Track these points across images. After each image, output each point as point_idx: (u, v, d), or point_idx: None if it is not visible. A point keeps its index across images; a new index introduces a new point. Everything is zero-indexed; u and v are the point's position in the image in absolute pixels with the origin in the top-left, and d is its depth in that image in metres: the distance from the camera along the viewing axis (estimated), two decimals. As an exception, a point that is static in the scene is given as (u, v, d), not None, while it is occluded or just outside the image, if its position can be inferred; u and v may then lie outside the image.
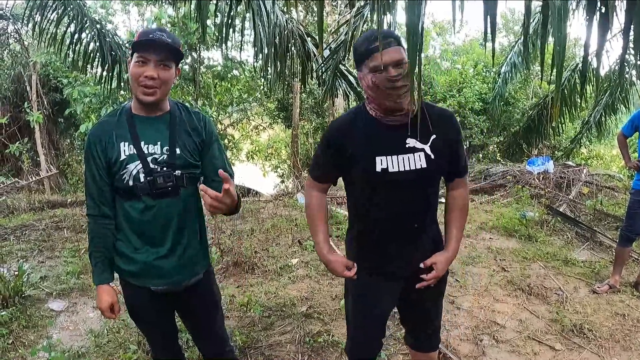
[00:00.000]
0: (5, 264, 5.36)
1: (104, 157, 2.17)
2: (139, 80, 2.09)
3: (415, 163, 2.10)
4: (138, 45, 2.07)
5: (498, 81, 10.26)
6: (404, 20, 1.47)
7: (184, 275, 2.31)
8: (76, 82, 11.90)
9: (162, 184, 2.16)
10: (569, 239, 6.11)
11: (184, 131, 2.26)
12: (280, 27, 4.35)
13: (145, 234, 2.22)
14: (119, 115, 2.24)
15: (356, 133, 2.18)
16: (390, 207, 2.21)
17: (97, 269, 2.27)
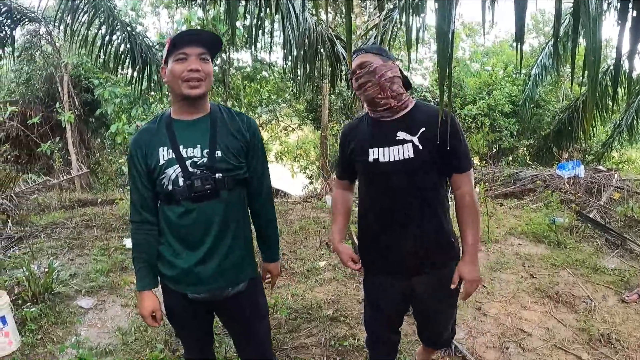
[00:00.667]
0: (36, 261, 5.44)
1: (145, 164, 2.19)
2: (182, 76, 2.09)
3: (403, 153, 2.29)
4: (177, 42, 2.09)
5: (528, 83, 10.15)
6: (434, 22, 1.46)
7: (224, 284, 2.26)
8: (107, 83, 12.08)
9: (200, 187, 2.13)
10: (598, 245, 5.99)
11: (227, 133, 2.22)
12: (309, 30, 4.35)
13: (185, 238, 2.20)
14: (159, 122, 2.25)
15: (359, 131, 2.51)
16: (382, 198, 2.41)
17: (140, 275, 2.28)
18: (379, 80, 2.29)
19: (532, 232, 6.44)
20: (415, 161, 2.27)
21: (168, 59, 2.14)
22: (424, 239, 2.37)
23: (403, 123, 2.34)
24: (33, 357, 3.74)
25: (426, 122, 2.29)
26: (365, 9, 12.63)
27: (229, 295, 2.29)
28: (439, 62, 1.45)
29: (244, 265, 2.34)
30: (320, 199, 9.02)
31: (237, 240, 2.28)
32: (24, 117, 13.29)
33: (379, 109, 2.37)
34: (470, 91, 14.67)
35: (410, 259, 2.40)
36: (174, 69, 2.10)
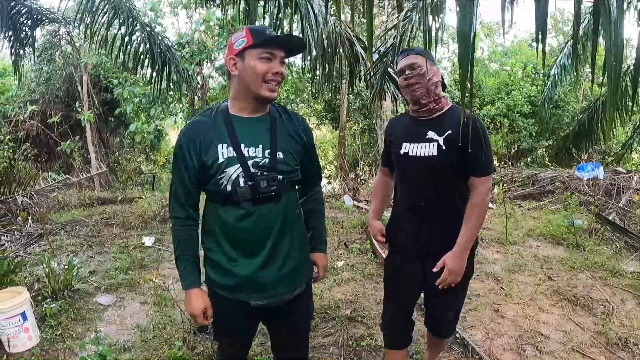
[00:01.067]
0: (56, 258, 5.50)
1: (197, 159, 2.09)
2: (265, 76, 2.02)
3: (429, 151, 2.53)
4: (267, 41, 2.01)
5: (547, 84, 10.05)
6: (454, 23, 1.45)
7: (286, 288, 2.21)
8: (126, 82, 12.20)
9: (266, 189, 2.06)
10: (617, 248, 5.93)
11: (286, 134, 2.18)
12: (328, 30, 4.35)
13: (241, 242, 2.13)
14: (215, 115, 2.15)
15: (399, 125, 2.80)
16: (408, 188, 2.71)
17: (186, 273, 2.21)
18: (427, 84, 2.50)
19: (551, 234, 6.39)
20: (437, 159, 2.50)
21: (245, 52, 2.04)
22: (438, 232, 2.61)
23: (435, 124, 2.55)
24: (52, 353, 3.78)
25: (454, 125, 2.47)
26: (384, 8, 12.59)
27: (290, 298, 2.24)
28: (461, 65, 1.44)
29: (303, 267, 2.31)
30: (339, 199, 9.01)
31: (296, 243, 2.24)
32: (44, 116, 13.44)
33: (420, 109, 2.59)
34: (488, 91, 14.60)
35: (423, 247, 2.66)
36: (257, 67, 2.01)
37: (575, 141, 10.10)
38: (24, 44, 6.49)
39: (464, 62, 1.41)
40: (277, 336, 2.49)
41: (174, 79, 6.41)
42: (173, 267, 5.42)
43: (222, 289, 2.20)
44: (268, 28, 2.09)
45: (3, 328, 3.73)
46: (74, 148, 12.82)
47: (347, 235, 6.57)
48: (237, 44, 2.05)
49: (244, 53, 2.03)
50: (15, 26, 6.18)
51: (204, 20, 11.65)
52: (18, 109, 12.90)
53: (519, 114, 13.90)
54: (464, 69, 1.42)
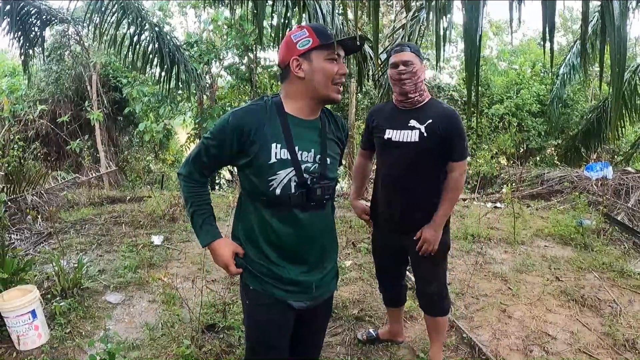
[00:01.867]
0: (65, 257, 5.53)
1: (239, 147, 1.98)
2: (334, 78, 1.98)
3: (411, 137, 2.87)
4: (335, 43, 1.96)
5: (556, 82, 10.02)
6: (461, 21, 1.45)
7: (326, 290, 2.21)
8: (135, 81, 12.25)
9: (320, 196, 2.02)
10: (626, 249, 5.90)
11: (332, 140, 2.15)
12: (336, 29, 4.36)
13: (285, 247, 2.07)
14: (269, 109, 2.03)
15: (381, 113, 3.12)
16: (389, 168, 3.02)
17: (205, 226, 2.14)
18: (416, 81, 2.85)
19: (559, 234, 6.36)
20: (418, 145, 2.85)
21: (311, 53, 1.97)
22: (414, 206, 2.97)
23: (417, 113, 2.91)
24: (62, 350, 3.81)
25: (434, 116, 2.85)
26: (392, 7, 12.58)
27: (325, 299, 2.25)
28: (467, 67, 1.44)
29: (336, 266, 2.30)
30: (347, 199, 9.00)
31: (334, 249, 2.24)
32: (53, 116, 13.51)
33: (405, 100, 2.92)
34: (497, 90, 14.54)
35: (402, 219, 3.03)
36: (327, 68, 1.97)
37: (584, 140, 10.07)
38: (34, 44, 6.54)
39: (470, 63, 1.42)
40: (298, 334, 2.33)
41: (182, 78, 6.44)
42: (182, 265, 5.50)
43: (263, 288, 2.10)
44: (326, 27, 2.11)
45: (13, 326, 3.77)
46: (83, 147, 12.88)
47: (355, 235, 6.58)
48: (300, 44, 1.97)
49: (310, 54, 1.97)
50: (25, 26, 6.23)
51: (213, 19, 11.69)
52: (28, 108, 12.96)
53: (527, 113, 13.84)
54: (470, 71, 1.42)
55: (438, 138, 2.82)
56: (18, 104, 12.90)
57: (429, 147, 2.85)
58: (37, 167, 9.63)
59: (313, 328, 2.37)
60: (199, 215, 2.16)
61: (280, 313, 2.12)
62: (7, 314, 3.77)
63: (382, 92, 4.84)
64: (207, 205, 2.18)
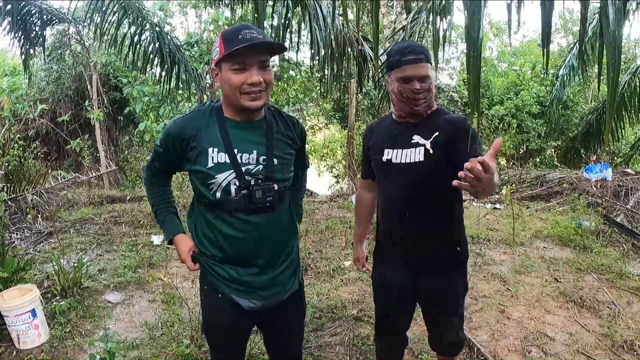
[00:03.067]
0: (65, 256, 5.54)
1: (181, 155, 2.01)
2: (241, 88, 1.88)
3: (415, 156, 2.34)
4: (236, 51, 1.82)
5: (556, 84, 10.03)
6: (461, 22, 1.46)
7: (279, 291, 2.15)
8: (135, 81, 12.25)
9: (262, 199, 1.97)
10: (625, 250, 5.89)
11: (281, 140, 2.09)
12: (336, 30, 4.37)
13: (231, 252, 2.05)
14: (209, 114, 2.02)
15: (378, 130, 2.57)
16: (392, 195, 2.48)
17: (166, 224, 2.21)
18: (430, 100, 2.34)
19: (558, 236, 6.37)
20: (424, 164, 2.32)
21: (221, 63, 1.91)
22: (425, 238, 2.44)
23: (420, 127, 2.37)
24: (62, 350, 3.82)
25: (440, 127, 2.32)
26: (392, 8, 12.60)
27: (282, 300, 2.18)
28: (470, 74, 1.45)
29: (295, 269, 2.24)
30: (347, 199, 9.02)
31: (289, 253, 2.19)
32: (53, 115, 13.51)
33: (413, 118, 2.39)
34: (497, 91, 14.56)
35: (411, 255, 2.50)
36: (231, 80, 1.88)
37: (583, 142, 10.09)
38: (34, 43, 6.55)
39: (472, 66, 1.43)
40: (271, 337, 2.42)
41: (183, 78, 6.45)
42: (181, 265, 5.46)
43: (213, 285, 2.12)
44: (243, 29, 1.89)
45: (13, 325, 3.78)
46: (83, 146, 12.87)
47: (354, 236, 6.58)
48: (214, 54, 1.95)
49: (221, 64, 1.92)
50: (26, 26, 6.24)
51: (213, 19, 11.67)
52: (28, 107, 12.96)
53: (527, 114, 13.86)
54: (473, 74, 1.43)
55: (445, 150, 2.29)
56: (18, 103, 12.89)
57: (437, 165, 2.31)
58: (37, 166, 9.63)
59: (285, 330, 2.34)
60: (160, 213, 2.25)
61: (230, 312, 2.12)
62: (7, 313, 3.78)
63: (382, 93, 4.85)
64: (168, 203, 2.27)
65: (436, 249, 2.45)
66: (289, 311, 2.26)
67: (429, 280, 2.48)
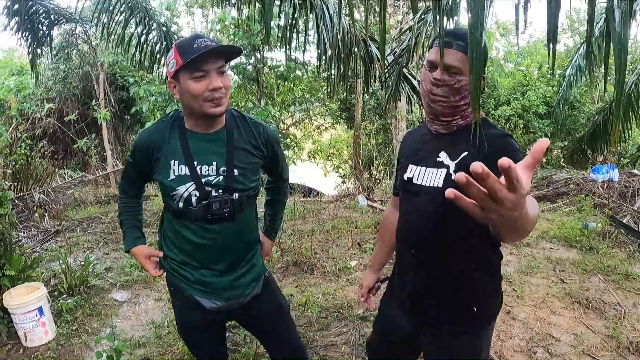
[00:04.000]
0: (72, 254, 5.57)
1: (149, 165, 2.05)
2: (203, 95, 1.87)
3: (434, 179, 1.84)
4: (194, 60, 1.82)
5: (562, 84, 9.98)
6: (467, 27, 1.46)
7: (239, 293, 2.17)
8: (142, 81, 12.28)
9: (219, 210, 1.99)
10: (631, 252, 5.86)
11: (243, 149, 2.07)
12: (343, 30, 4.36)
13: (194, 256, 2.10)
14: (171, 126, 2.04)
15: (410, 140, 2.09)
16: (408, 221, 2.01)
17: (128, 234, 2.29)
18: (456, 102, 1.81)
19: (564, 237, 6.35)
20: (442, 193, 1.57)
21: (179, 73, 1.89)
22: (438, 292, 1.93)
23: (449, 141, 1.87)
24: (68, 347, 3.84)
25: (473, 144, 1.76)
26: (399, 8, 12.58)
27: (246, 301, 2.21)
28: (472, 71, 1.45)
29: (255, 269, 2.25)
30: (353, 199, 9.02)
31: (252, 255, 2.22)
32: (60, 114, 13.59)
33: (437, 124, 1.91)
34: (504, 92, 14.51)
35: (417, 300, 1.99)
36: (193, 89, 1.87)
37: (590, 142, 10.02)
38: (41, 43, 6.56)
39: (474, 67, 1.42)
40: (257, 336, 2.51)
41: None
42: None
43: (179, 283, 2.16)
44: (197, 38, 1.89)
45: (20, 322, 3.80)
46: (90, 146, 12.92)
47: (361, 235, 6.58)
48: (170, 66, 1.92)
49: (178, 75, 1.90)
50: (33, 25, 6.25)
51: (220, 19, 11.69)
52: (35, 106, 13.03)
53: (534, 115, 13.80)
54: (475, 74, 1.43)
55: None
56: (26, 103, 12.96)
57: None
58: (44, 165, 9.64)
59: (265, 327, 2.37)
60: (124, 224, 2.32)
61: (194, 313, 2.18)
62: (14, 311, 3.80)
63: (388, 94, 4.84)
64: (133, 215, 2.34)
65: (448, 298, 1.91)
66: (260, 310, 2.29)
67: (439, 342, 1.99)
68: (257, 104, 11.45)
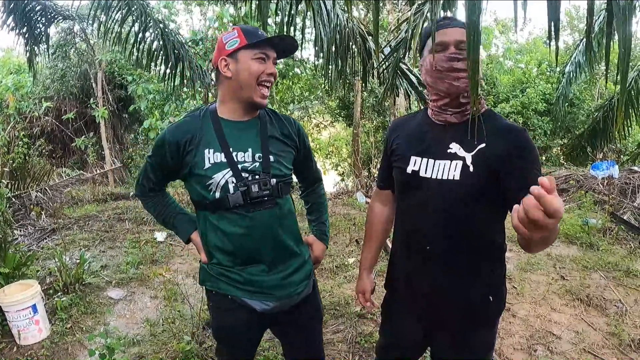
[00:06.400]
0: (68, 252, 5.55)
1: (177, 161, 2.01)
2: (260, 77, 1.93)
3: (449, 172, 1.76)
4: (262, 41, 1.93)
5: (562, 81, 9.96)
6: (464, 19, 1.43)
7: (292, 291, 2.10)
8: (140, 79, 12.24)
9: (258, 193, 1.95)
10: (632, 248, 5.84)
11: (276, 137, 2.08)
12: (340, 26, 4.34)
13: (237, 251, 2.02)
14: (203, 117, 2.03)
15: (405, 128, 1.99)
16: (412, 218, 1.92)
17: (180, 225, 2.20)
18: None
19: (565, 233, 6.32)
20: (459, 186, 1.74)
21: (238, 52, 1.93)
22: (446, 285, 1.86)
23: (461, 132, 1.78)
24: (62, 345, 3.81)
25: (492, 135, 1.73)
26: (397, 5, 12.55)
27: (297, 301, 2.14)
28: (470, 59, 1.41)
29: (306, 266, 2.18)
30: (352, 196, 9.01)
31: (296, 245, 2.15)
32: (58, 113, 13.57)
33: (452, 109, 1.81)
34: (503, 89, 14.50)
35: (425, 302, 1.93)
36: (252, 67, 1.92)
37: (590, 139, 9.99)
38: (39, 41, 6.53)
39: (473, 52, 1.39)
40: (289, 340, 2.35)
41: (187, 75, 6.42)
42: (184, 262, 5.50)
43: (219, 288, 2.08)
44: (259, 30, 1.99)
45: (14, 320, 3.77)
46: (88, 144, 12.92)
47: (359, 233, 6.56)
48: (229, 44, 1.95)
49: (237, 54, 1.93)
50: (30, 23, 6.22)
51: (218, 17, 11.66)
52: (33, 105, 13.01)
53: (533, 112, 13.80)
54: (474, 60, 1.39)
55: (492, 170, 1.70)
56: (23, 101, 12.95)
57: (477, 190, 1.74)
58: (42, 163, 9.64)
59: (297, 332, 2.29)
60: (168, 220, 2.23)
61: (241, 317, 2.09)
62: (8, 309, 3.78)
63: (385, 87, 4.80)
64: (171, 206, 2.24)
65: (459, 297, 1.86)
66: (302, 314, 2.21)
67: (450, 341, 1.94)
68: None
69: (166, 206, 2.24)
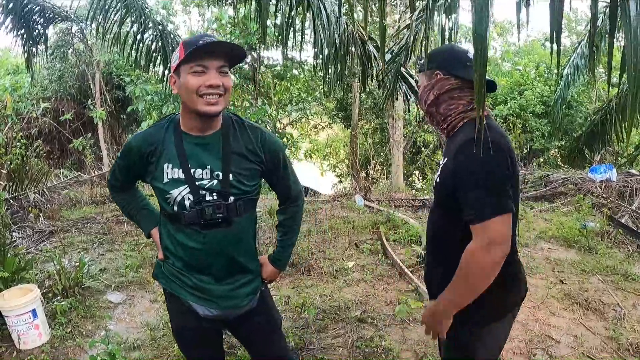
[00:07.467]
0: (67, 255, 5.53)
1: (141, 167, 2.05)
2: (198, 90, 1.85)
3: (437, 174, 2.00)
4: (195, 52, 1.81)
5: (560, 84, 9.97)
6: (467, 22, 1.43)
7: (235, 303, 2.14)
8: (138, 80, 12.21)
9: (212, 215, 1.96)
10: (630, 252, 5.85)
11: (238, 153, 2.02)
12: (340, 29, 4.33)
13: (190, 261, 2.07)
14: (166, 129, 2.02)
15: None
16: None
17: (144, 221, 2.29)
18: (426, 109, 2.03)
19: (563, 237, 6.32)
20: (436, 188, 1.98)
21: (180, 68, 1.89)
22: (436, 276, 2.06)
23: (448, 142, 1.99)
24: (62, 350, 3.80)
25: (452, 149, 1.86)
26: (396, 7, 12.55)
27: (241, 313, 2.18)
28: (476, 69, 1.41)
29: (254, 282, 2.21)
30: (350, 199, 8.99)
31: (248, 262, 2.16)
32: (56, 114, 13.51)
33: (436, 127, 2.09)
34: (501, 91, 14.49)
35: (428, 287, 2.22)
36: (189, 83, 1.85)
37: (588, 142, 10.01)
38: (37, 42, 6.51)
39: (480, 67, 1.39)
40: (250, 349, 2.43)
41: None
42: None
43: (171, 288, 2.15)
44: (205, 36, 1.88)
45: (14, 325, 3.76)
46: (86, 145, 12.86)
47: (358, 236, 6.55)
48: (173, 60, 1.93)
49: (179, 69, 1.90)
50: (28, 24, 6.20)
51: (216, 18, 11.65)
52: (31, 106, 12.97)
53: (531, 114, 13.79)
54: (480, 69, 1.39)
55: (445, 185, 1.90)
56: (21, 102, 12.92)
57: (438, 200, 2.02)
58: (40, 165, 9.61)
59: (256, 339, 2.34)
60: (133, 214, 2.33)
61: (190, 319, 2.16)
62: (8, 313, 3.77)
63: (386, 93, 4.80)
64: (136, 201, 2.33)
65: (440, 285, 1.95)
66: (253, 323, 2.27)
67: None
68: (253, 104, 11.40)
69: (132, 201, 2.33)
